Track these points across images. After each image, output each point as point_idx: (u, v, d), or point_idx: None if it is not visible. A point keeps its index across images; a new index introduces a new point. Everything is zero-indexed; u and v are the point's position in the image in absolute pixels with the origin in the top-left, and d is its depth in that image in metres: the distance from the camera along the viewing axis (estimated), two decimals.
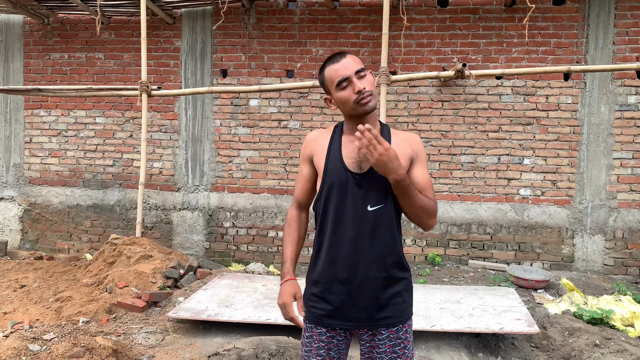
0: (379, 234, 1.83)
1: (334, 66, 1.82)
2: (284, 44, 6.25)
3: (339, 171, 1.84)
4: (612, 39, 5.71)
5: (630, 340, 3.68)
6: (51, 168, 6.74)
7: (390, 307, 1.86)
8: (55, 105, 6.70)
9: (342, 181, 1.83)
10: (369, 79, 1.82)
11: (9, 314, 4.23)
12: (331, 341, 1.90)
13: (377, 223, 1.82)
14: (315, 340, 1.90)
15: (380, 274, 1.84)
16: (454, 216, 6.01)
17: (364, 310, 1.85)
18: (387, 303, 1.86)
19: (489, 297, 4.38)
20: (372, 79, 1.83)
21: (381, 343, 1.87)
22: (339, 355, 1.92)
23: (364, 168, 1.83)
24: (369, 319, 1.85)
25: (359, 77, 1.79)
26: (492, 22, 5.91)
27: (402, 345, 1.87)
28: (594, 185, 5.80)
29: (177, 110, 6.47)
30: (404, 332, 1.89)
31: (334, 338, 1.90)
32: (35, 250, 6.63)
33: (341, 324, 1.87)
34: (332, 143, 1.91)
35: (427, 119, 6.03)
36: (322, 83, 1.90)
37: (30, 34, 6.72)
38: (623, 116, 5.74)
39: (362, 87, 1.77)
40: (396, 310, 1.87)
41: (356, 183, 1.82)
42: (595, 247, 5.79)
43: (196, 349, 3.54)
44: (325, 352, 1.90)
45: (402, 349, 1.87)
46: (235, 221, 6.37)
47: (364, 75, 1.80)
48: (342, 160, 1.85)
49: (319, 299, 1.89)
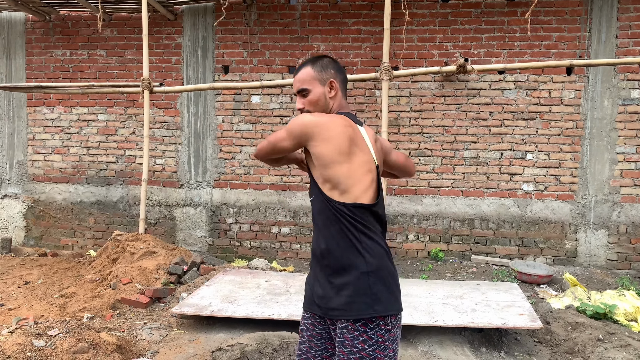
0: (318, 226, 1.90)
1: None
2: (285, 40, 6.24)
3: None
4: (615, 33, 5.68)
5: (633, 335, 3.68)
6: (54, 165, 6.76)
7: (336, 299, 1.81)
8: (57, 102, 6.71)
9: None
10: (310, 98, 1.95)
11: (13, 310, 4.26)
12: (313, 328, 1.95)
13: (314, 214, 1.92)
14: (302, 324, 1.99)
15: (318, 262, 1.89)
16: (457, 212, 6.01)
17: (318, 297, 1.89)
18: (334, 294, 1.82)
19: (492, 292, 4.38)
20: (313, 98, 1.94)
21: (340, 332, 1.81)
22: (325, 345, 1.94)
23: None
24: (319, 307, 1.88)
25: (301, 96, 1.97)
26: (494, 17, 5.89)
27: (360, 339, 1.76)
28: (597, 180, 5.79)
29: (179, 106, 6.48)
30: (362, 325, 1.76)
31: (315, 326, 1.95)
32: (40, 247, 6.66)
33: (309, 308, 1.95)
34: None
35: (430, 114, 6.02)
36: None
37: (32, 31, 6.72)
38: (626, 110, 5.72)
39: (299, 107, 1.98)
40: (342, 303, 1.79)
41: (310, 176, 1.94)
42: (598, 242, 5.78)
43: (200, 344, 3.56)
44: (308, 336, 1.96)
45: (360, 343, 1.75)
46: (238, 217, 6.39)
47: (306, 94, 1.95)
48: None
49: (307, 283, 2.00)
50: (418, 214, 6.07)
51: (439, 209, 6.02)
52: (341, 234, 1.82)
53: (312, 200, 1.92)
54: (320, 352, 1.94)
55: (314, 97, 1.94)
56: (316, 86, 1.93)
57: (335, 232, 1.82)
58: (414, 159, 6.05)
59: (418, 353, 3.48)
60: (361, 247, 1.81)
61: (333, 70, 1.97)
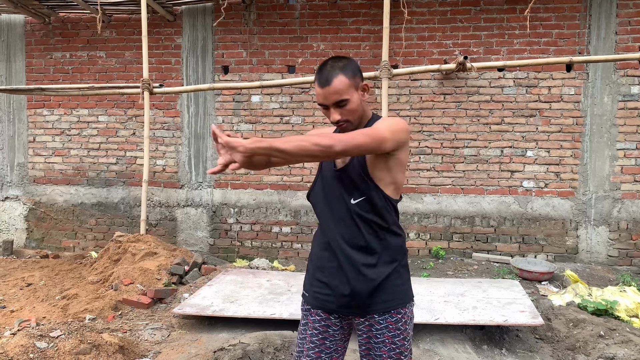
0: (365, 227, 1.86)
1: (317, 87, 1.84)
2: (284, 40, 6.24)
3: (329, 165, 1.93)
4: (615, 29, 5.68)
5: (635, 330, 3.68)
6: (55, 167, 6.77)
7: (379, 292, 1.85)
8: (58, 104, 6.72)
9: (332, 176, 1.91)
10: (350, 107, 1.83)
11: (16, 312, 4.27)
12: (326, 330, 1.92)
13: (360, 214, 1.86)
14: (310, 328, 1.94)
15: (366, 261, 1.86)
16: (458, 209, 6.01)
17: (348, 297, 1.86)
18: (379, 287, 1.85)
19: (493, 290, 4.38)
20: (353, 107, 1.83)
21: (381, 319, 1.86)
22: (335, 347, 1.94)
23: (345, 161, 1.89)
24: (358, 306, 1.86)
25: (337, 107, 1.83)
26: (494, 14, 5.88)
27: (403, 320, 1.88)
28: (598, 176, 5.78)
29: (179, 107, 6.48)
30: (403, 320, 1.88)
31: (329, 327, 1.92)
32: (41, 249, 6.67)
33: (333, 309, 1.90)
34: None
35: (429, 112, 6.02)
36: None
37: (31, 33, 6.73)
38: (626, 106, 5.71)
39: (336, 119, 1.84)
40: (387, 294, 1.86)
41: (338, 176, 1.89)
42: (599, 239, 5.78)
43: (202, 344, 3.56)
44: (319, 340, 1.93)
45: (403, 324, 1.88)
46: (239, 217, 6.39)
47: (344, 104, 1.82)
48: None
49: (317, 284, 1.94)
50: (419, 212, 6.07)
51: (440, 207, 6.02)
52: (392, 229, 1.91)
53: (361, 202, 1.85)
54: (331, 354, 1.94)
55: (354, 105, 1.84)
56: (353, 93, 1.83)
57: (388, 229, 1.89)
58: (415, 157, 6.05)
59: (420, 351, 3.48)
60: (402, 239, 1.95)
61: (360, 72, 1.89)
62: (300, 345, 1.98)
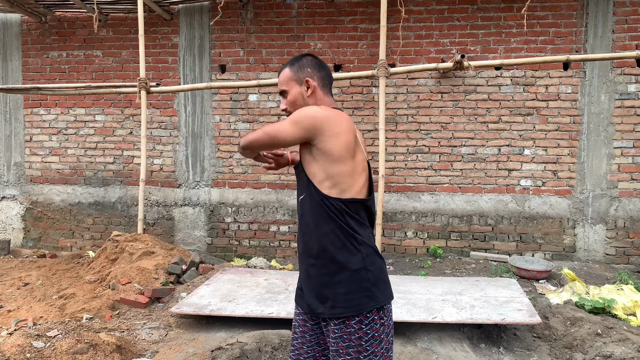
0: (305, 225, 1.89)
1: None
2: (282, 38, 6.24)
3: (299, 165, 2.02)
4: (612, 28, 5.68)
5: (632, 329, 3.69)
6: (52, 166, 6.75)
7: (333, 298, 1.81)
8: (54, 103, 6.70)
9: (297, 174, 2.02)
10: (289, 98, 1.98)
11: (13, 312, 4.26)
12: (305, 324, 1.99)
13: (302, 213, 1.92)
14: (295, 320, 2.04)
15: (312, 262, 1.87)
16: (455, 208, 6.01)
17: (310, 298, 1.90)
18: (330, 293, 1.82)
19: (490, 288, 4.39)
20: (291, 99, 1.97)
21: (336, 328, 1.81)
22: (317, 340, 1.96)
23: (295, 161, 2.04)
24: (309, 307, 1.90)
25: (283, 97, 2.01)
26: (491, 13, 5.88)
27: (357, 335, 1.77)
28: (595, 174, 5.79)
29: (177, 106, 6.47)
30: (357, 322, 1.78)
31: (306, 322, 1.98)
32: (38, 249, 6.65)
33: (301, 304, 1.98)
34: None
35: (427, 111, 6.02)
36: None
37: (28, 32, 6.71)
38: (623, 105, 5.72)
39: (283, 107, 2.03)
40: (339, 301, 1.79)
41: (296, 175, 2.01)
42: (596, 237, 5.79)
43: (199, 343, 3.56)
44: (300, 332, 1.99)
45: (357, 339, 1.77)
46: (237, 216, 6.38)
47: (286, 95, 1.99)
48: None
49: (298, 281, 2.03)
50: (416, 210, 6.07)
51: (437, 205, 6.02)
52: (336, 232, 1.81)
53: (302, 199, 1.89)
54: (313, 347, 1.96)
55: (292, 97, 1.97)
56: (293, 86, 1.97)
57: (330, 231, 1.81)
58: (412, 156, 6.05)
59: (417, 350, 3.48)
60: (357, 242, 1.83)
61: (310, 69, 1.97)
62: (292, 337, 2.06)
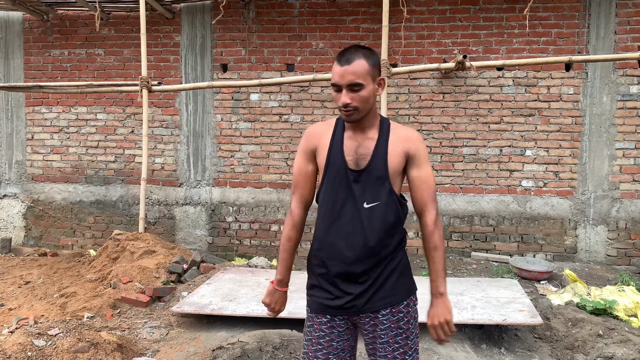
0: (375, 230, 1.87)
1: (336, 66, 1.82)
2: (283, 38, 6.23)
3: (340, 166, 1.90)
4: (614, 29, 5.68)
5: (633, 330, 3.68)
6: (53, 165, 6.76)
7: (386, 288, 1.90)
8: (56, 102, 6.70)
9: (342, 178, 1.89)
10: (362, 94, 1.81)
11: (14, 310, 4.26)
12: (332, 331, 1.93)
13: (372, 219, 1.87)
14: (316, 330, 1.95)
15: (373, 264, 1.89)
16: (456, 208, 6.01)
17: (358, 298, 1.89)
18: (382, 285, 1.90)
19: (492, 289, 4.39)
20: (365, 95, 1.82)
21: (384, 319, 1.90)
22: (343, 346, 1.96)
23: (361, 165, 1.89)
24: (365, 303, 1.90)
25: (350, 90, 1.80)
26: (493, 13, 5.88)
27: (405, 319, 1.91)
28: (597, 175, 5.79)
29: (178, 105, 6.47)
30: (405, 306, 1.93)
31: (334, 328, 1.93)
32: (39, 247, 6.66)
33: (339, 313, 1.92)
34: (335, 137, 1.94)
35: (428, 111, 6.02)
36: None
37: (30, 30, 6.71)
38: (625, 106, 5.71)
39: (346, 102, 1.80)
40: (390, 289, 1.91)
41: (353, 179, 1.88)
42: (598, 238, 5.79)
43: (200, 342, 3.56)
44: (326, 342, 1.94)
45: (405, 323, 1.91)
46: (238, 216, 6.38)
47: (358, 89, 1.80)
48: (344, 156, 1.90)
49: (318, 289, 1.96)
50: None
51: (439, 206, 6.01)
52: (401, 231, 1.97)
53: (377, 205, 1.88)
54: (338, 354, 1.95)
55: (367, 94, 1.82)
56: (369, 82, 1.82)
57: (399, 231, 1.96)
58: None
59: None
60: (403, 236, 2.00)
61: (380, 66, 1.89)
62: (306, 347, 1.99)
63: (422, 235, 1.97)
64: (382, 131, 1.93)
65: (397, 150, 1.89)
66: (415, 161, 1.91)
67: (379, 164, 1.87)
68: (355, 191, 1.88)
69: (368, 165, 1.87)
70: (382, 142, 1.89)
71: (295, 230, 2.02)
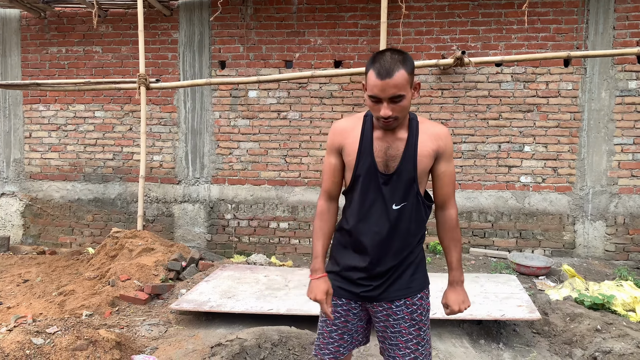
0: (401, 231, 1.94)
1: (374, 78, 1.76)
2: (282, 34, 6.22)
3: (370, 169, 1.92)
4: (613, 24, 5.67)
5: (631, 325, 3.69)
6: (51, 163, 6.74)
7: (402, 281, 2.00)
8: (54, 99, 6.69)
9: (371, 179, 1.92)
10: (403, 104, 1.80)
11: (12, 309, 4.25)
12: (347, 313, 2.04)
13: (399, 220, 1.93)
14: (334, 311, 2.05)
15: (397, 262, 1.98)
16: None
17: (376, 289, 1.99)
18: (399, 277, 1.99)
19: (490, 285, 4.39)
20: (406, 104, 1.81)
21: (398, 310, 1.98)
22: (356, 328, 2.07)
23: (390, 167, 1.91)
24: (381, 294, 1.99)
25: (391, 102, 1.78)
26: (491, 9, 5.87)
27: (418, 312, 1.99)
28: (595, 171, 5.79)
29: (176, 102, 6.46)
30: (419, 299, 2.01)
31: (349, 311, 2.04)
32: (38, 245, 6.65)
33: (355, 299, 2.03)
34: (364, 137, 1.94)
35: (427, 107, 6.01)
36: (365, 71, 1.86)
37: (27, 28, 6.69)
38: (624, 102, 5.71)
39: (388, 114, 1.79)
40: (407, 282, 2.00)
41: (383, 182, 1.92)
42: (596, 233, 5.79)
43: (199, 340, 3.56)
44: (342, 322, 2.05)
45: (419, 315, 1.99)
46: (237, 213, 6.38)
47: (399, 100, 1.78)
48: (374, 158, 1.91)
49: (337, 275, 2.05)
50: None
51: None
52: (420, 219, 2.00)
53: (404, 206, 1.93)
54: (352, 334, 2.07)
55: (407, 103, 1.81)
56: (409, 91, 1.80)
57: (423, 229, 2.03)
58: None
59: None
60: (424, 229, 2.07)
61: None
62: (321, 327, 2.10)
63: (443, 227, 2.04)
64: (412, 130, 1.92)
65: (427, 151, 1.91)
66: (444, 157, 1.94)
67: (409, 166, 1.89)
68: (385, 193, 1.91)
69: (397, 168, 1.89)
70: (411, 143, 1.90)
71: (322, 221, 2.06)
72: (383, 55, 1.78)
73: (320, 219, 2.04)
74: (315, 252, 2.01)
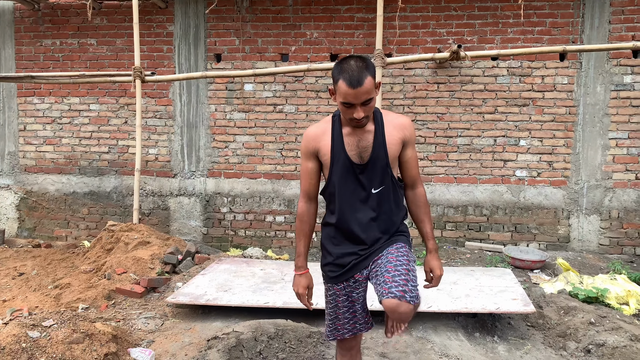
0: (385, 210, 2.18)
1: (346, 88, 1.97)
2: (278, 27, 6.19)
3: (345, 163, 2.14)
4: (608, 18, 5.67)
5: (625, 318, 3.72)
6: (46, 156, 6.71)
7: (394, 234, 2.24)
8: (48, 92, 6.65)
9: (348, 171, 2.14)
10: (372, 104, 2.05)
11: (8, 302, 4.25)
12: (351, 294, 2.26)
13: (381, 201, 2.17)
14: (339, 295, 2.27)
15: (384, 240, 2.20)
16: (450, 198, 6.03)
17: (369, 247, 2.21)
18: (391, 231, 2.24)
19: (485, 278, 4.42)
20: (374, 103, 2.07)
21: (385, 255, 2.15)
22: (362, 303, 2.29)
23: (364, 157, 2.13)
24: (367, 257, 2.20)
25: (363, 105, 2.01)
26: (488, 3, 5.86)
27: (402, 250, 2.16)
28: (590, 165, 5.81)
29: (172, 95, 6.43)
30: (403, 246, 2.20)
31: (353, 291, 2.26)
32: (33, 238, 6.63)
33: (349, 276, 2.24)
34: (335, 137, 2.16)
35: (423, 101, 6.01)
36: (333, 79, 2.05)
37: (21, 20, 6.63)
38: (619, 96, 5.73)
39: (361, 116, 2.02)
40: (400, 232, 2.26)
41: (360, 172, 2.14)
42: (590, 227, 5.83)
43: (195, 333, 3.57)
44: (350, 303, 2.26)
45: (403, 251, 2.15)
46: (233, 206, 6.38)
47: (369, 102, 2.01)
48: (346, 153, 2.14)
49: (332, 265, 2.26)
50: None
51: (433, 196, 6.03)
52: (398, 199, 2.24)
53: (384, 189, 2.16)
54: (357, 310, 2.27)
55: (374, 103, 2.06)
56: (374, 92, 2.04)
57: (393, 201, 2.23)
58: None
59: (412, 339, 3.51)
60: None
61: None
62: (332, 314, 2.30)
63: (416, 203, 2.29)
64: (377, 122, 2.16)
65: (395, 139, 2.14)
66: (410, 144, 2.21)
67: (381, 153, 2.12)
68: (363, 181, 2.14)
69: (371, 156, 2.12)
70: (379, 133, 2.13)
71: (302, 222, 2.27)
72: (349, 64, 1.99)
73: (301, 220, 2.28)
74: (298, 251, 2.27)
